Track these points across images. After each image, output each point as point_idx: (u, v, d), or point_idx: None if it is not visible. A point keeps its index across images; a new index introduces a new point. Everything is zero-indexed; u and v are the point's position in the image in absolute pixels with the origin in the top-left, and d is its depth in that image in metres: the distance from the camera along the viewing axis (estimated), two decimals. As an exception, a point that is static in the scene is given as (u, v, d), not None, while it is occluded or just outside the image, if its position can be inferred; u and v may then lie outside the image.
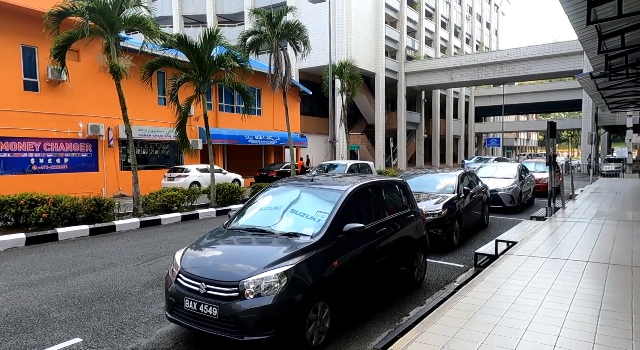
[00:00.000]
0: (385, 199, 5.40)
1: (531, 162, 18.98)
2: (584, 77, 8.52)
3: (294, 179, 5.39)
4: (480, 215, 9.93)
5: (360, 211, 4.87)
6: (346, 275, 4.28)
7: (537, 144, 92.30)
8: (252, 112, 27.64)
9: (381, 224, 4.98)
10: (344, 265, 4.24)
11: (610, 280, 4.25)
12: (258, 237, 4.31)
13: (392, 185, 5.72)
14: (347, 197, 4.58)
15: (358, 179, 5.23)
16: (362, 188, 4.92)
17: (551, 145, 8.59)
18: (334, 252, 4.17)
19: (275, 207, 4.84)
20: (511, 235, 7.01)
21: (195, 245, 4.35)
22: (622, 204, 10.65)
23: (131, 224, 10.06)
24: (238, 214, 4.92)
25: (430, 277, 6.34)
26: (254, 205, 5.01)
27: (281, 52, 15.50)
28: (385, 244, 5.00)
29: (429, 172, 10.25)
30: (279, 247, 4.01)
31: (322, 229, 4.21)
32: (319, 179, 5.29)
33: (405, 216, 5.61)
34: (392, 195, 5.68)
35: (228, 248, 4.24)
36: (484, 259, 6.89)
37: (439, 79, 40.19)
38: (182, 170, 20.03)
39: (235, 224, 4.71)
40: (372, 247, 4.76)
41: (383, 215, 5.12)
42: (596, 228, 7.35)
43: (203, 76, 12.00)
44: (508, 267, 4.87)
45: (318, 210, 4.51)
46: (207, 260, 4.07)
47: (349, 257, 4.33)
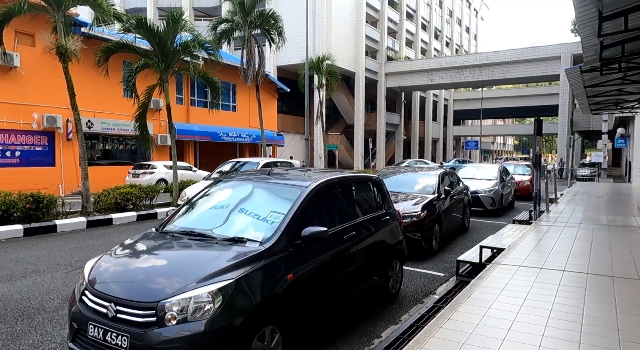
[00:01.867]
0: (356, 198, 4.60)
1: (511, 164, 18.65)
2: (572, 71, 7.99)
3: (249, 173, 4.52)
4: (461, 218, 9.28)
5: (325, 212, 4.06)
6: (304, 290, 3.45)
7: (513, 148, 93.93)
8: (225, 107, 26.74)
9: (350, 228, 4.17)
10: (302, 279, 3.41)
11: (621, 298, 3.55)
12: (194, 243, 3.42)
13: (364, 183, 4.93)
14: (308, 195, 3.75)
15: (324, 173, 4.41)
16: (327, 184, 4.10)
17: (537, 143, 8.01)
18: (289, 263, 3.34)
19: (222, 205, 3.96)
20: (496, 241, 6.33)
21: (113, 252, 3.43)
22: (606, 208, 10.20)
23: (76, 224, 8.95)
24: (176, 214, 4.02)
25: (407, 288, 5.57)
26: (198, 202, 4.12)
27: (254, 42, 14.58)
28: (354, 251, 4.19)
29: (408, 170, 9.54)
30: (217, 256, 3.14)
31: (275, 234, 3.36)
32: (278, 172, 4.44)
33: (380, 218, 4.82)
34: (365, 194, 4.88)
35: (153, 257, 3.34)
36: (467, 267, 6.19)
37: (418, 80, 39.96)
38: (148, 167, 18.80)
39: (170, 226, 3.81)
40: (339, 255, 3.95)
41: (353, 217, 4.31)
42: (587, 234, 6.75)
43: (165, 63, 10.97)
44: (497, 280, 4.14)
45: (272, 210, 3.67)
46: (122, 273, 3.15)
47: (308, 268, 3.50)
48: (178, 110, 23.13)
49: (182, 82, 22.96)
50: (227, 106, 26.56)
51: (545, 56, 33.57)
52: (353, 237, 4.16)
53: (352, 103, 39.53)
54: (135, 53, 10.95)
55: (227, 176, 4.45)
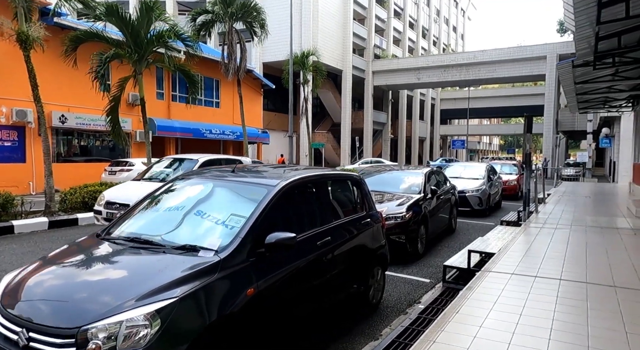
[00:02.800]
0: (332, 199, 4.12)
1: (497, 163, 18.44)
2: (564, 65, 7.66)
3: (212, 170, 4.01)
4: (448, 219, 8.89)
5: (296, 215, 3.58)
6: (269, 307, 2.97)
7: (499, 148, 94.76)
8: (209, 103, 26.01)
9: (325, 232, 3.69)
10: (266, 293, 2.92)
11: (627, 312, 3.15)
12: (137, 252, 2.90)
13: (342, 182, 4.45)
14: (275, 196, 3.25)
15: (297, 171, 3.92)
16: (299, 184, 3.61)
17: (528, 141, 7.65)
18: (250, 275, 2.84)
19: (177, 207, 3.44)
20: (485, 244, 5.92)
21: (38, 263, 2.88)
22: (596, 209, 9.94)
23: (37, 225, 8.29)
24: (124, 217, 3.48)
25: (390, 296, 5.12)
26: (151, 203, 3.59)
27: (235, 35, 13.99)
28: (330, 258, 3.72)
29: (393, 169, 9.11)
30: (161, 269, 2.63)
31: (234, 241, 2.87)
32: (244, 170, 3.93)
33: (359, 221, 4.35)
34: (343, 195, 4.41)
35: (84, 269, 2.80)
36: (454, 273, 5.77)
37: (406, 78, 39.74)
38: (125, 164, 18.00)
39: (115, 231, 3.28)
40: (312, 263, 3.47)
41: (328, 220, 3.83)
42: (580, 237, 6.40)
43: (139, 54, 10.33)
44: (488, 291, 3.71)
45: (233, 214, 3.17)
46: (43, 290, 2.60)
47: (274, 280, 3.01)
48: (159, 105, 22.38)
49: (163, 77, 22.19)
50: (210, 102, 25.85)
51: (531, 56, 33.64)
52: (328, 242, 3.68)
53: (339, 101, 39.10)
54: (106, 43, 10.28)
55: (184, 175, 3.93)
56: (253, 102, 29.32)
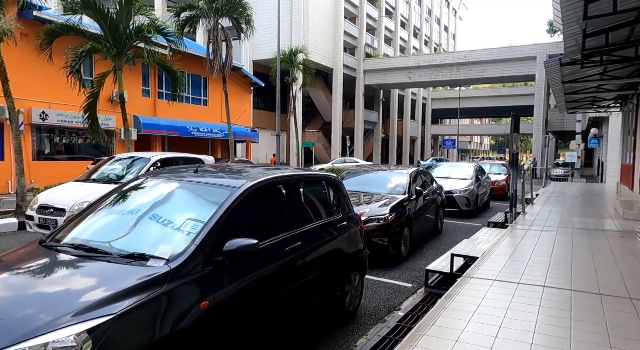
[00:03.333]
0: (305, 201, 3.88)
1: (486, 163, 18.37)
2: (552, 63, 7.50)
3: (173, 170, 3.74)
4: (433, 220, 8.70)
5: (262, 219, 3.33)
6: (227, 320, 2.72)
7: (490, 148, 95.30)
8: (196, 101, 25.59)
9: (295, 237, 3.44)
10: (224, 305, 2.67)
11: (613, 324, 2.95)
12: (80, 261, 2.62)
13: (317, 183, 4.21)
14: (239, 198, 3.00)
15: (264, 171, 3.67)
16: (267, 185, 3.36)
17: (515, 140, 7.48)
18: (205, 286, 2.59)
19: (131, 210, 3.16)
20: (469, 247, 5.73)
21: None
22: (583, 210, 9.83)
23: (6, 226, 7.93)
24: (73, 221, 3.20)
25: (369, 302, 4.90)
26: (104, 206, 3.31)
27: (221, 31, 13.68)
28: (300, 264, 3.48)
29: (379, 169, 8.89)
30: (103, 281, 2.37)
31: (188, 249, 2.61)
32: (208, 170, 3.67)
33: (335, 224, 4.11)
34: (317, 196, 4.17)
35: (14, 282, 2.50)
36: (437, 277, 5.56)
37: (397, 78, 39.63)
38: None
39: (61, 237, 2.99)
40: (279, 271, 3.22)
41: (300, 224, 3.59)
42: (566, 239, 6.23)
43: (117, 48, 9.98)
44: (468, 300, 3.49)
45: (190, 218, 2.91)
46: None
47: (234, 291, 2.77)
48: (144, 102, 21.95)
49: (149, 74, 21.77)
50: (198, 100, 25.45)
51: (521, 56, 33.72)
52: (299, 248, 3.44)
53: (330, 100, 38.88)
54: (83, 36, 9.92)
55: (143, 175, 3.65)
56: (242, 100, 28.96)
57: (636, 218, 8.08)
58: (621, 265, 4.68)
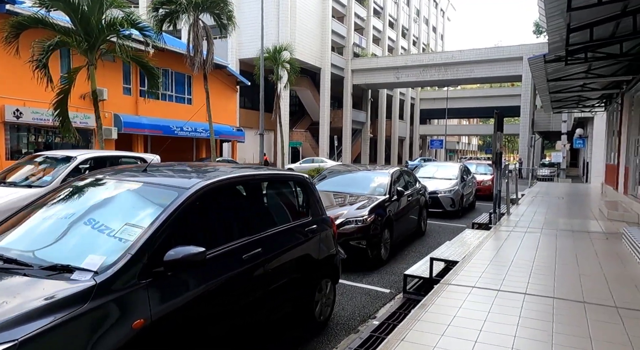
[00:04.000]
0: (268, 204, 3.58)
1: (472, 163, 18.27)
2: (536, 60, 7.32)
3: (118, 169, 3.40)
4: (416, 221, 8.45)
5: (215, 223, 3.01)
6: (168, 340, 2.40)
7: (477, 148, 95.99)
8: (180, 100, 25.07)
9: (255, 243, 3.13)
10: (163, 323, 2.35)
11: (598, 338, 2.70)
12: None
13: (283, 183, 3.90)
14: (188, 201, 2.68)
15: (225, 170, 3.35)
16: (223, 185, 3.04)
17: (498, 140, 7.27)
18: (140, 301, 2.27)
19: (65, 215, 2.81)
20: (450, 250, 5.48)
21: None
22: (568, 211, 9.69)
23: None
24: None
25: (342, 310, 4.61)
26: (34, 209, 2.95)
27: (201, 26, 13.29)
28: (261, 273, 3.17)
29: (359, 168, 8.61)
30: (10, 299, 2.03)
31: (121, 259, 2.28)
32: (159, 169, 3.34)
33: (303, 228, 3.81)
34: (283, 198, 3.87)
35: None
36: (416, 282, 5.30)
37: (385, 77, 39.52)
38: (87, 162, 17.01)
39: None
40: (234, 281, 2.91)
41: (261, 229, 3.27)
42: (550, 241, 6.03)
43: (89, 43, 9.54)
44: (443, 310, 3.22)
45: (130, 223, 2.58)
46: None
47: (176, 306, 2.45)
48: (126, 101, 21.39)
49: (131, 71, 21.22)
50: (182, 99, 24.94)
51: (508, 56, 33.85)
52: (258, 255, 3.13)
53: (317, 99, 38.60)
54: (52, 29, 9.45)
55: (88, 174, 3.31)
56: (227, 99, 28.50)
57: (621, 218, 7.94)
58: (606, 270, 4.47)
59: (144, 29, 10.45)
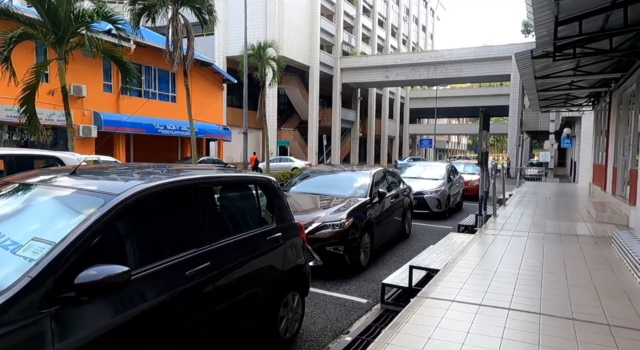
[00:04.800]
0: (221, 211, 3.18)
1: (460, 162, 18.05)
2: (523, 56, 7.01)
3: (41, 171, 2.97)
4: (400, 223, 8.10)
5: (152, 235, 2.60)
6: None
7: (467, 148, 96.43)
8: (164, 98, 24.47)
9: (203, 256, 2.74)
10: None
11: None
12: None
13: (241, 187, 3.50)
14: (115, 209, 2.27)
15: (168, 173, 2.94)
16: (161, 191, 2.63)
17: (484, 139, 6.95)
18: (41, 335, 1.86)
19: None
20: (432, 257, 5.13)
21: None
22: (556, 212, 9.43)
23: None
24: None
25: (313, 324, 4.23)
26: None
27: (181, 21, 12.81)
28: (210, 290, 2.77)
29: (339, 169, 8.23)
30: None
31: (17, 283, 1.87)
32: (90, 171, 2.92)
33: (265, 236, 3.42)
34: (241, 203, 3.48)
35: None
36: (396, 291, 4.95)
37: (374, 76, 39.25)
38: (62, 162, 16.40)
39: None
40: (175, 301, 2.51)
41: (212, 240, 2.87)
42: (537, 246, 5.72)
43: (57, 35, 9.02)
44: (417, 330, 2.86)
45: (38, 237, 2.16)
46: None
47: (91, 338, 2.04)
48: (106, 98, 20.78)
49: (112, 68, 20.59)
50: (166, 96, 24.38)
51: (497, 56, 33.82)
52: (207, 270, 2.73)
53: (306, 98, 38.19)
54: (16, 21, 8.91)
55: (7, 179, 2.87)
56: (213, 96, 27.97)
57: (609, 221, 7.69)
58: (596, 279, 4.16)
59: (117, 22, 9.94)
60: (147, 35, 20.53)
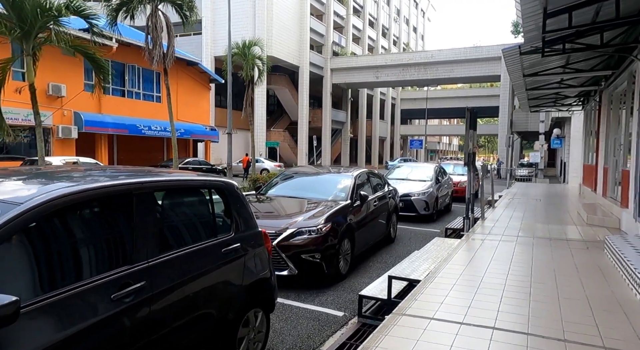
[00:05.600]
0: (163, 220, 2.77)
1: (450, 163, 17.78)
2: (510, 51, 6.70)
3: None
4: (385, 227, 7.74)
5: (70, 253, 2.19)
6: None
7: (458, 149, 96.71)
8: (148, 97, 23.88)
9: (135, 275, 2.33)
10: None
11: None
12: None
13: (191, 192, 3.09)
14: (14, 222, 1.86)
15: (94, 176, 2.53)
16: (81, 198, 2.21)
17: (471, 139, 6.62)
18: None
19: None
20: (414, 265, 4.77)
21: None
22: (546, 214, 9.15)
23: None
24: None
25: (281, 342, 3.84)
26: None
27: (161, 17, 12.35)
28: (144, 315, 2.36)
29: (320, 171, 7.85)
30: None
31: None
32: (14, 172, 2.50)
33: (220, 248, 3.01)
34: (190, 211, 3.07)
35: None
36: (373, 304, 4.58)
37: (364, 77, 38.99)
38: (37, 163, 15.83)
39: None
40: (92, 334, 2.10)
41: (149, 255, 2.47)
42: (526, 253, 5.39)
43: (22, 29, 8.53)
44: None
45: None
46: None
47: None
48: (87, 98, 20.06)
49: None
50: (151, 96, 23.81)
51: (487, 56, 33.74)
52: (140, 291, 2.33)
53: (296, 99, 37.79)
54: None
55: None
56: (200, 97, 27.45)
57: (601, 224, 7.40)
58: (589, 291, 3.82)
59: (89, 17, 9.47)
60: (130, 33, 20.04)
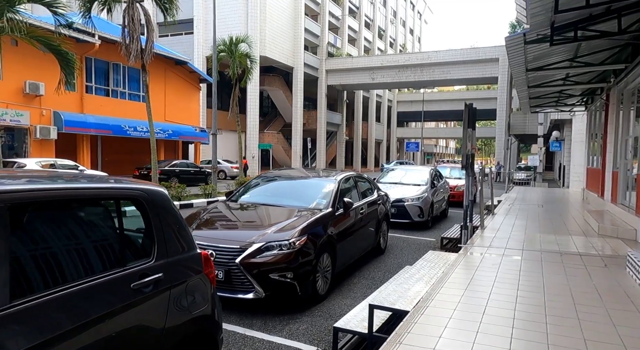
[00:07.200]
0: (35, 248, 1.95)
1: (446, 166, 17.04)
2: (514, 41, 5.95)
3: None
4: (373, 237, 6.94)
5: None
6: None
7: (455, 151, 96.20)
8: (134, 97, 23.02)
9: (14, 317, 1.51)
10: None
11: None
12: None
13: (90, 204, 2.28)
14: None
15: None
16: None
17: (469, 138, 5.85)
18: None
19: None
20: (402, 289, 3.96)
21: None
22: (551, 223, 8.37)
23: None
24: None
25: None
26: None
27: (139, 9, 11.55)
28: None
29: (302, 174, 7.04)
30: None
31: None
32: None
33: (126, 282, 2.20)
34: (84, 232, 2.25)
35: None
36: (351, 339, 3.77)
37: (360, 78, 38.29)
38: (13, 165, 15.01)
39: None
40: None
41: (16, 294, 1.65)
42: (535, 273, 4.59)
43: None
44: None
45: None
46: None
47: None
48: (68, 97, 19.21)
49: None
50: (136, 96, 22.96)
51: (484, 58, 33.13)
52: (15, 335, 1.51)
53: (290, 100, 37.03)
54: None
55: None
56: (189, 97, 26.65)
57: (614, 234, 6.63)
58: (621, 329, 3.02)
59: (52, 6, 8.66)
60: (114, 30, 19.21)
